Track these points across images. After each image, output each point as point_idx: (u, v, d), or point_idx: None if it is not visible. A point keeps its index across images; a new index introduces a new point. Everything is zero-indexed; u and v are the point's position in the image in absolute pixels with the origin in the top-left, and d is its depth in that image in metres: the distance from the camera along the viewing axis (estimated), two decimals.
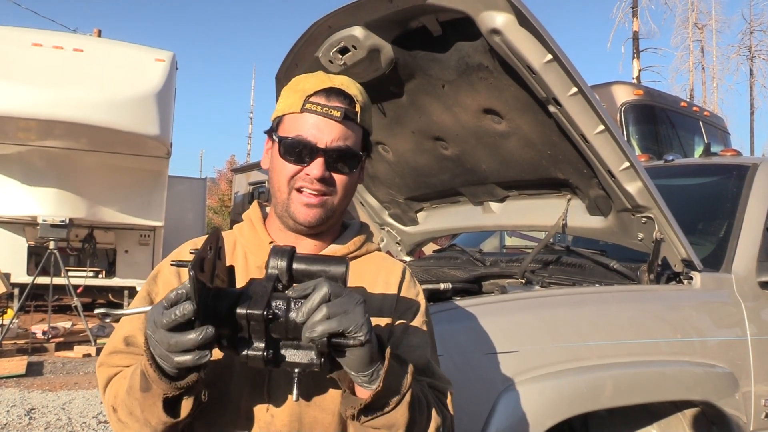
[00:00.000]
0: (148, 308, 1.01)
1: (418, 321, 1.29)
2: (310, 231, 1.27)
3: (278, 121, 1.27)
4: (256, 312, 0.94)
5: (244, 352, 0.96)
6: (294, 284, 1.03)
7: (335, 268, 1.01)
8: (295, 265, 1.02)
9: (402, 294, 1.29)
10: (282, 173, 1.23)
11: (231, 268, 1.11)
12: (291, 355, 0.98)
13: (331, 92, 1.21)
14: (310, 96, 1.21)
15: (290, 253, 1.03)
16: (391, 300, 1.27)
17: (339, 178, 1.23)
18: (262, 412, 1.15)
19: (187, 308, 0.92)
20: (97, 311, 1.02)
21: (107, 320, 1.25)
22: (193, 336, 0.93)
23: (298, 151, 1.21)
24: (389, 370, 1.02)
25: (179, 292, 0.94)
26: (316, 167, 1.20)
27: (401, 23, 2.16)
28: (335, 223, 1.32)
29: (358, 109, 1.23)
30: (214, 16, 78.51)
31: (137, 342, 1.20)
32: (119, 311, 1.05)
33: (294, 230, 1.27)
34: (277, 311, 0.95)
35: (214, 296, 0.97)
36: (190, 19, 76.40)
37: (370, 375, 1.01)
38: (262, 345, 0.96)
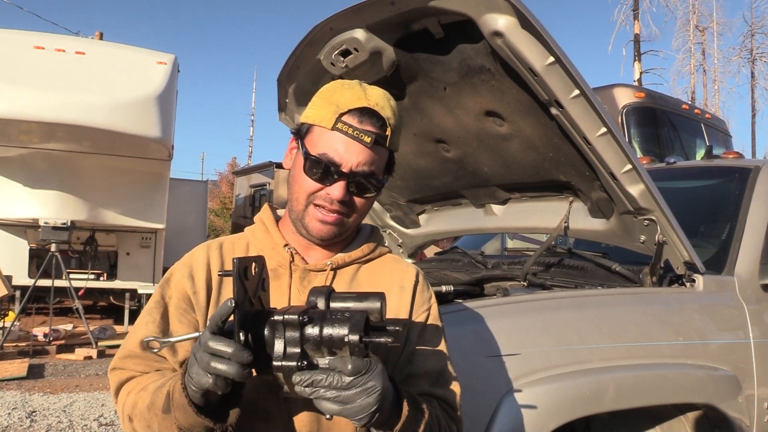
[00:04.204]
0: (197, 334, 1.01)
1: (432, 327, 1.32)
2: (323, 243, 1.28)
3: (307, 129, 1.24)
4: (292, 317, 0.95)
5: (279, 363, 0.96)
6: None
7: (373, 304, 1.01)
8: (333, 304, 1.03)
9: (416, 298, 1.31)
10: (303, 186, 1.23)
11: (268, 310, 1.12)
12: (323, 363, 0.98)
13: (364, 113, 1.19)
14: (343, 114, 1.19)
15: (328, 292, 1.04)
16: (406, 305, 1.30)
17: (358, 200, 1.24)
18: (279, 411, 1.16)
19: (227, 306, 0.93)
20: (145, 339, 1.06)
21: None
22: (230, 349, 0.93)
23: (321, 169, 1.20)
24: (404, 424, 1.06)
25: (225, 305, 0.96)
26: (338, 190, 1.20)
27: (403, 25, 2.16)
28: (348, 237, 1.34)
29: (388, 132, 1.22)
30: (216, 18, 78.74)
31: (153, 346, 1.21)
32: (170, 339, 1.06)
33: (306, 238, 1.28)
34: (313, 319, 0.97)
35: (253, 316, 0.98)
36: (191, 22, 76.61)
37: (384, 430, 1.05)
38: (297, 351, 0.96)
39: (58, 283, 8.32)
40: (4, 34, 7.94)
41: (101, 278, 9.99)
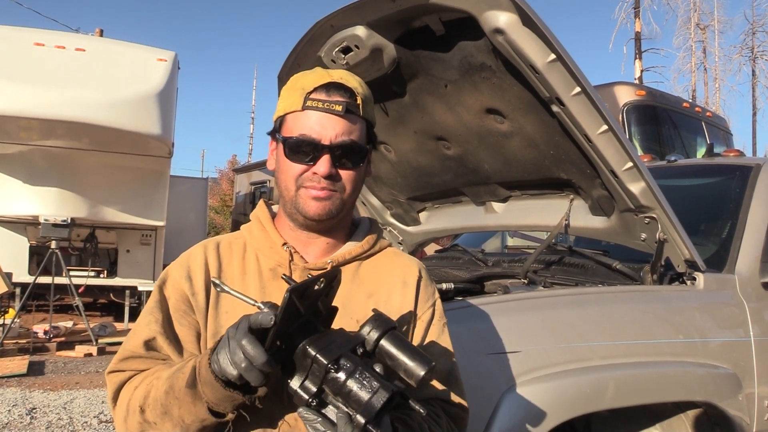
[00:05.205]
0: (252, 300, 1.02)
1: (438, 325, 1.30)
2: (321, 226, 1.26)
3: (280, 122, 1.25)
4: (322, 360, 0.96)
5: (295, 387, 0.98)
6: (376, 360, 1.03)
7: (417, 368, 1.00)
8: (383, 342, 1.02)
9: (420, 294, 1.30)
10: (288, 173, 1.22)
11: (334, 309, 1.11)
12: (330, 413, 0.98)
13: (330, 87, 1.20)
14: (310, 93, 1.19)
15: (386, 328, 1.03)
16: (410, 302, 1.28)
17: (346, 174, 1.22)
18: (284, 414, 1.14)
19: (268, 320, 0.94)
20: (214, 279, 1.09)
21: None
22: (261, 360, 0.93)
23: (302, 149, 1.19)
24: None
25: (272, 310, 0.96)
26: (323, 165, 1.19)
27: (404, 23, 2.15)
28: (345, 218, 1.30)
29: (359, 101, 1.21)
30: (216, 16, 78.69)
31: (158, 345, 1.19)
32: (230, 290, 1.07)
33: (305, 227, 1.26)
34: (342, 368, 0.96)
35: (301, 325, 0.99)
36: (192, 19, 76.56)
37: None
38: (314, 390, 0.97)
39: (59, 280, 8.33)
40: (4, 31, 7.94)
41: (101, 275, 9.99)
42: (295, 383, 0.97)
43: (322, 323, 1.07)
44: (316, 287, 1.01)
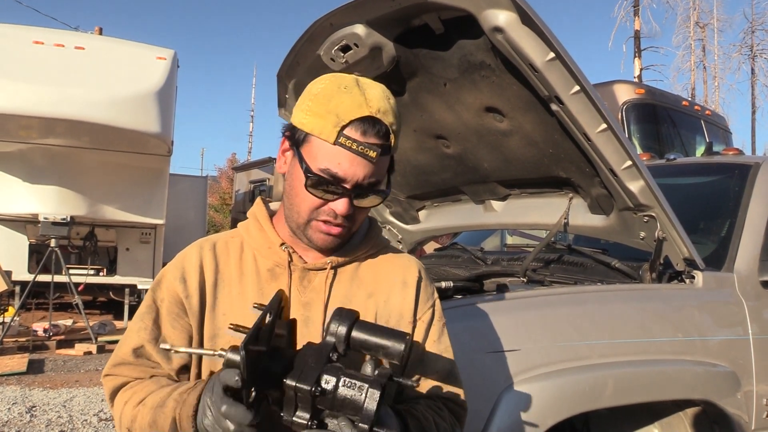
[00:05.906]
0: (210, 352, 0.99)
1: (438, 325, 1.30)
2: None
3: (304, 137, 1.15)
4: (304, 387, 0.94)
5: (289, 418, 0.96)
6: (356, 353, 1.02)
7: (395, 345, 0.99)
8: (354, 333, 1.00)
9: (420, 295, 1.29)
10: (305, 201, 1.17)
11: (292, 323, 1.09)
12: (332, 425, 0.97)
13: (367, 124, 1.11)
14: (345, 127, 1.10)
15: (352, 320, 1.01)
16: (410, 304, 1.28)
17: (361, 210, 1.19)
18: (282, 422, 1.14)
19: (234, 381, 0.92)
20: (162, 346, 1.04)
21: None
22: (245, 422, 0.92)
23: (325, 187, 1.13)
24: None
25: (234, 361, 0.93)
26: (342, 205, 1.14)
27: (403, 21, 2.15)
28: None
29: (392, 140, 1.15)
30: (216, 13, 78.59)
31: (147, 353, 1.19)
32: (187, 350, 1.05)
33: (307, 245, 1.24)
34: (326, 387, 0.95)
35: (269, 356, 0.97)
36: (191, 17, 76.48)
37: None
38: (308, 415, 0.96)
39: (58, 278, 8.32)
40: (3, 29, 7.92)
41: (101, 274, 9.98)
42: (287, 415, 0.96)
43: (286, 343, 1.06)
44: (267, 321, 0.98)
